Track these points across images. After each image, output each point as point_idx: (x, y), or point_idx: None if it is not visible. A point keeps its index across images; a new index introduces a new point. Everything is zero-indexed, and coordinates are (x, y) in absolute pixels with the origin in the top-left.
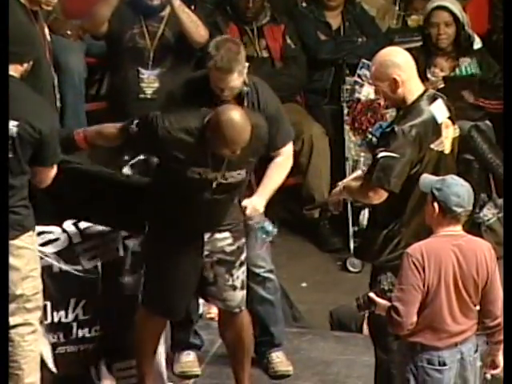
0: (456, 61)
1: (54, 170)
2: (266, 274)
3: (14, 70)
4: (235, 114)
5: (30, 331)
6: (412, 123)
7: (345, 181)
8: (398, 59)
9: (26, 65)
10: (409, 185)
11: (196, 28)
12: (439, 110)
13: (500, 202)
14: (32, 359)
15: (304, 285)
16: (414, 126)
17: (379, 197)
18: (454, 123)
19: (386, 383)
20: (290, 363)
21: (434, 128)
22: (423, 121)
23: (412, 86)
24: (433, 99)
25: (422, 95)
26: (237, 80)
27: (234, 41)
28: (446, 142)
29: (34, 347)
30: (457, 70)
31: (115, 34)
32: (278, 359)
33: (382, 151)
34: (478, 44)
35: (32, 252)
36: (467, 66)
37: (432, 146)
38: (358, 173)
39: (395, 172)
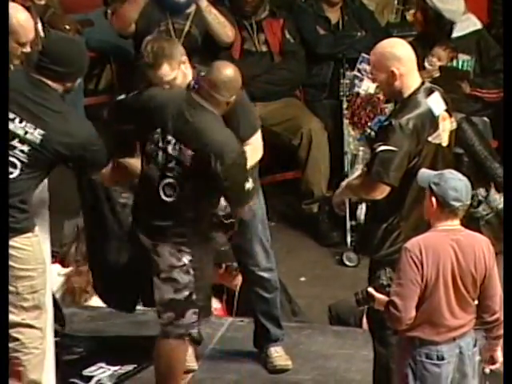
0: (455, 52)
1: (104, 169)
2: (261, 273)
3: (57, 86)
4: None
5: (31, 330)
6: (409, 116)
7: (346, 181)
8: (400, 52)
9: (69, 84)
10: (407, 178)
11: (223, 28)
12: (436, 102)
13: (495, 196)
14: (35, 357)
15: (303, 279)
16: (411, 119)
17: (381, 192)
18: (451, 116)
19: (385, 377)
20: (289, 358)
21: (431, 121)
22: (420, 113)
23: (409, 80)
24: (429, 92)
25: (418, 88)
26: (169, 75)
27: (164, 38)
28: (443, 135)
29: (38, 345)
30: (454, 62)
31: (142, 32)
32: (277, 354)
33: (380, 145)
34: (475, 25)
35: (29, 253)
36: (465, 61)
37: (429, 138)
38: (359, 172)
39: (394, 165)
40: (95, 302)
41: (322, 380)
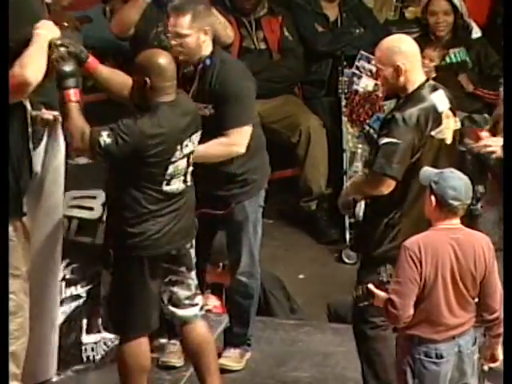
0: (445, 50)
1: None
2: (240, 277)
3: None
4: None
5: None
6: (412, 110)
7: (351, 181)
8: (405, 47)
9: None
10: (410, 173)
11: (224, 30)
12: (440, 99)
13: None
14: None
15: (301, 277)
16: (414, 112)
17: (387, 187)
18: (455, 115)
19: (370, 371)
20: (242, 363)
21: (435, 116)
22: (424, 108)
23: (414, 76)
24: (434, 89)
25: (423, 84)
26: (188, 27)
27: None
28: (446, 132)
29: None
30: (447, 59)
31: (141, 34)
32: (229, 354)
33: (383, 138)
34: (477, 33)
35: None
36: (456, 53)
37: (433, 133)
38: (362, 173)
39: (397, 158)
40: None
41: (320, 377)
